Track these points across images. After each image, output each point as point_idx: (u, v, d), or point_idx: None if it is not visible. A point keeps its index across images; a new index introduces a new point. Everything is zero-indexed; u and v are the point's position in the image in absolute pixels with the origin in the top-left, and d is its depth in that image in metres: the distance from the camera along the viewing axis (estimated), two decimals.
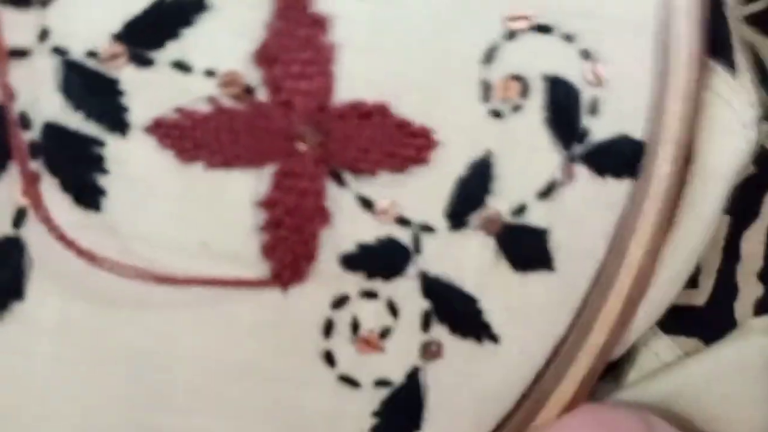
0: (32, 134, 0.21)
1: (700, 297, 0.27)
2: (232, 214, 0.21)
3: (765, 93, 0.26)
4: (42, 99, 0.21)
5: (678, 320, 0.26)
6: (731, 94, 0.24)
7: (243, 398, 0.22)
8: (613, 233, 0.24)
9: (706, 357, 0.26)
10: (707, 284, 0.27)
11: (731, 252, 0.27)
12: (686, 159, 0.25)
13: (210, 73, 0.21)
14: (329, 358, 0.22)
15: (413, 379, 0.23)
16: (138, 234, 0.21)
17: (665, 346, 0.26)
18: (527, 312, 0.24)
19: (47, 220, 0.20)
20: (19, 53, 0.21)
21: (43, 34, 0.21)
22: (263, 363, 0.22)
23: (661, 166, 0.24)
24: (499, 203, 0.23)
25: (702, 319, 0.26)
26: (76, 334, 0.21)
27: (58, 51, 0.21)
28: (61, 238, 0.20)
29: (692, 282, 0.27)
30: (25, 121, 0.21)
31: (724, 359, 0.26)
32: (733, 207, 0.27)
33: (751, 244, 0.27)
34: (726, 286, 0.27)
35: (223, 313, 0.22)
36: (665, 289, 0.25)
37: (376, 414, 0.23)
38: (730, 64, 0.24)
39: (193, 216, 0.21)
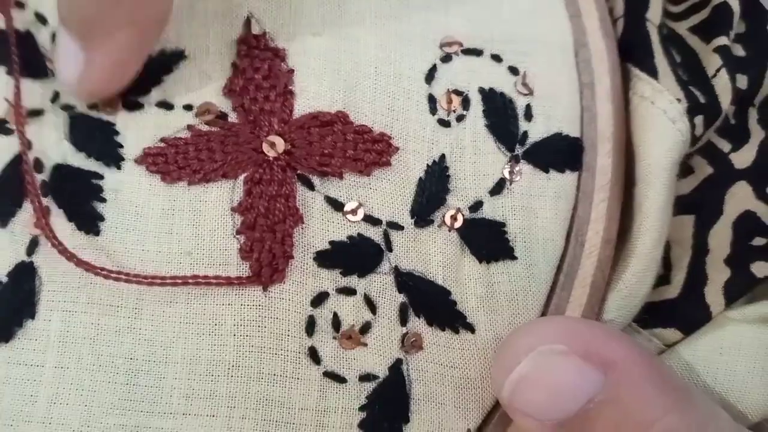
0: (43, 176, 0.24)
1: (673, 291, 0.27)
2: (212, 223, 0.24)
3: (701, 92, 0.28)
4: (52, 146, 0.24)
5: (653, 315, 0.27)
6: (654, 94, 0.27)
7: (233, 398, 0.23)
8: (570, 223, 0.26)
9: (685, 348, 0.27)
10: (679, 279, 0.28)
11: (700, 248, 0.28)
12: (628, 158, 0.27)
13: (188, 107, 0.25)
14: (314, 355, 0.24)
15: (396, 371, 0.24)
16: (129, 251, 0.24)
17: (644, 341, 0.27)
18: (497, 300, 0.25)
19: (52, 238, 0.23)
20: (35, 113, 0.25)
21: (55, 97, 0.25)
22: (250, 362, 0.23)
23: (602, 160, 0.26)
24: (458, 201, 0.25)
25: (676, 310, 0.27)
26: (78, 346, 0.23)
27: (66, 107, 0.25)
28: (64, 251, 0.23)
29: (665, 279, 0.28)
30: (38, 166, 0.24)
31: (702, 348, 0.26)
32: (696, 207, 0.28)
33: (718, 238, 0.28)
34: (696, 277, 0.27)
35: (209, 318, 0.23)
36: (633, 281, 0.26)
37: (363, 408, 0.24)
38: (651, 68, 0.27)
39: (177, 230, 0.24)
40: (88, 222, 0.24)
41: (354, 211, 0.25)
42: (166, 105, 0.25)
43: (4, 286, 0.23)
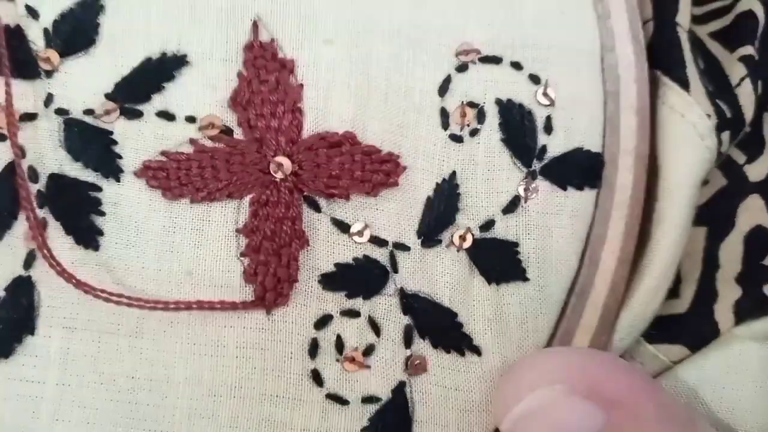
0: (39, 185, 0.23)
1: (682, 306, 0.27)
2: (215, 244, 0.23)
3: (727, 104, 0.26)
4: (47, 154, 0.23)
5: (661, 329, 0.27)
6: (685, 107, 0.25)
7: (235, 420, 0.23)
8: (585, 243, 0.25)
9: (692, 366, 0.26)
10: (688, 293, 0.27)
11: (710, 262, 0.27)
12: (650, 171, 0.26)
13: (191, 119, 0.24)
14: (316, 378, 0.24)
15: (400, 394, 0.24)
16: (129, 268, 0.23)
17: (650, 357, 0.27)
18: (506, 322, 0.24)
19: (50, 258, 0.22)
20: (28, 117, 0.23)
21: (48, 100, 0.24)
22: (252, 384, 0.23)
23: (623, 175, 0.25)
24: (468, 220, 0.25)
25: (684, 326, 0.27)
26: (79, 363, 0.23)
27: (60, 111, 0.23)
28: (63, 272, 0.22)
29: (674, 293, 0.27)
30: (32, 175, 0.23)
31: (708, 367, 0.26)
32: (709, 219, 0.28)
33: (729, 252, 0.27)
34: (706, 292, 0.27)
35: (211, 339, 0.23)
36: (646, 299, 0.25)
37: (366, 430, 0.24)
38: (682, 79, 0.26)
39: (178, 248, 0.23)
40: (87, 236, 0.23)
41: (360, 233, 0.24)
42: (167, 115, 0.24)
43: (2, 300, 0.23)
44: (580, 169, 0.25)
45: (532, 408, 0.22)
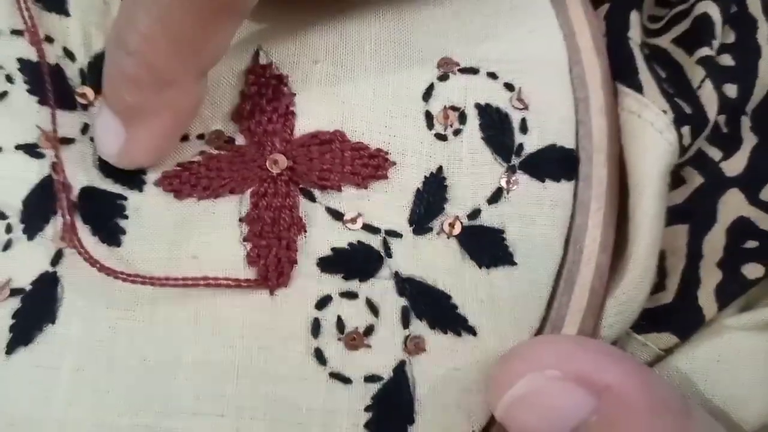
0: (72, 197, 0.26)
1: (668, 296, 0.28)
2: (220, 233, 0.26)
3: (687, 103, 0.29)
4: (80, 171, 0.27)
5: (649, 320, 0.28)
6: (641, 108, 0.28)
7: (242, 399, 0.24)
8: (569, 231, 0.27)
9: (683, 356, 0.27)
10: (673, 285, 0.28)
11: (694, 255, 0.28)
12: (621, 165, 0.28)
13: (201, 137, 0.27)
14: (319, 357, 0.25)
15: (401, 372, 0.25)
16: (144, 259, 0.25)
17: (640, 346, 0.27)
18: (498, 304, 0.26)
19: (79, 246, 0.25)
20: (66, 141, 0.27)
21: (84, 128, 0.27)
22: (258, 364, 0.24)
23: (598, 170, 0.27)
24: (456, 209, 0.26)
25: (670, 314, 0.27)
26: (95, 348, 0.24)
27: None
28: (89, 259, 0.24)
29: (661, 287, 0.28)
30: (67, 188, 0.26)
31: (699, 357, 0.27)
32: (690, 216, 0.29)
33: (712, 244, 0.28)
34: (689, 281, 0.28)
35: (218, 320, 0.25)
36: (630, 288, 0.27)
37: (369, 409, 0.24)
38: (636, 84, 0.28)
39: (185, 238, 0.26)
40: (112, 236, 0.26)
41: (353, 220, 0.26)
42: (182, 137, 0.27)
43: (27, 293, 0.25)
44: (556, 163, 0.27)
45: (522, 393, 0.22)
